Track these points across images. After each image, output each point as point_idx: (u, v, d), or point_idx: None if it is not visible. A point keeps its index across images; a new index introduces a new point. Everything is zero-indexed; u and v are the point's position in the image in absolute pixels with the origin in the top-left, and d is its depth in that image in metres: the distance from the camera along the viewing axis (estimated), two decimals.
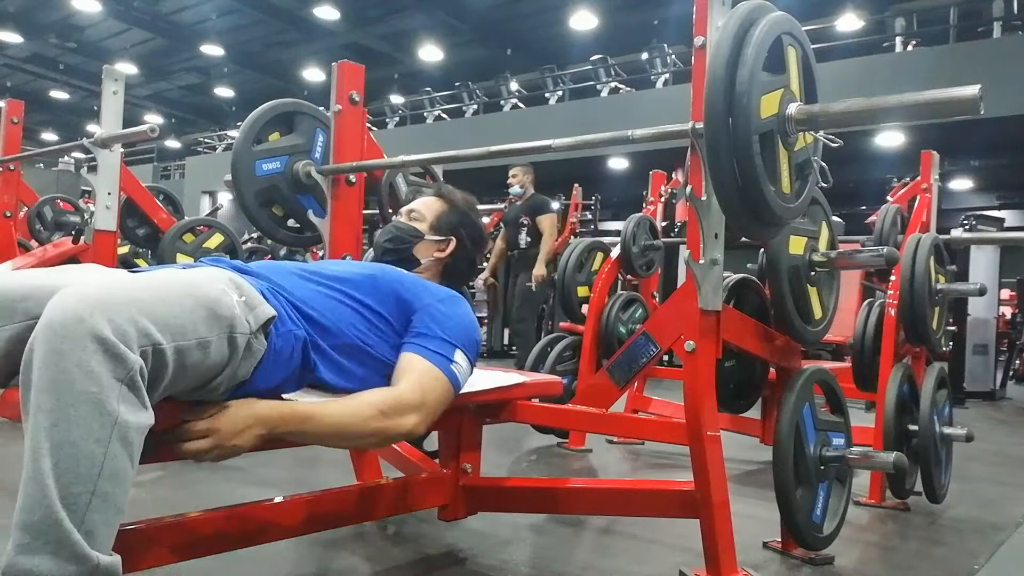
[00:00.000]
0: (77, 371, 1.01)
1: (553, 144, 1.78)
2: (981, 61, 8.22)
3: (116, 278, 1.20)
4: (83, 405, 1.01)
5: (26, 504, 0.99)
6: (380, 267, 1.67)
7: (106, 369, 1.03)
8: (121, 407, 1.04)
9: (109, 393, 1.03)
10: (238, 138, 2.38)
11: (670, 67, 11.55)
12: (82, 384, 1.01)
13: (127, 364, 1.05)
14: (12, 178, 3.96)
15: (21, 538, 0.99)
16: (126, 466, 1.05)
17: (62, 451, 1.00)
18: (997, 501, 3.02)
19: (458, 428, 1.92)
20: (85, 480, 1.01)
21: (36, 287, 1.22)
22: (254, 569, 1.79)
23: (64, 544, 0.99)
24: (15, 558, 0.98)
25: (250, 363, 1.28)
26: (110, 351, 1.03)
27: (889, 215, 3.08)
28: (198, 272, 1.32)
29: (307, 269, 1.55)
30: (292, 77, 17.68)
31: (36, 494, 0.99)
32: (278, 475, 2.77)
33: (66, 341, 1.02)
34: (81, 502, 1.01)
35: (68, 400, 1.01)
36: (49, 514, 0.99)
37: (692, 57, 1.71)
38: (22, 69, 18.34)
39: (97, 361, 1.02)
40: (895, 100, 1.38)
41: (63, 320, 1.03)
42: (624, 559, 2.05)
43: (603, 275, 3.76)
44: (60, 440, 1.00)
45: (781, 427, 1.93)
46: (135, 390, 1.06)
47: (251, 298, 1.30)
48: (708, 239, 1.67)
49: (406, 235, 1.82)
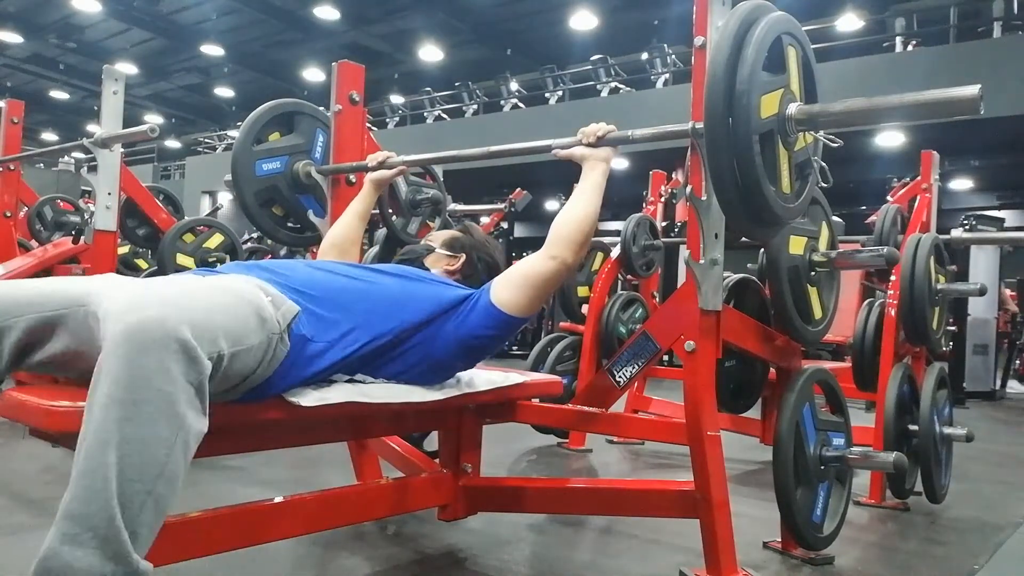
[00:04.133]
0: (157, 369, 1.02)
1: (553, 144, 1.78)
2: (981, 61, 8.21)
3: (179, 286, 1.24)
4: (157, 403, 1.02)
5: (82, 494, 0.98)
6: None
7: (181, 371, 1.05)
8: (188, 411, 1.06)
9: (181, 395, 1.04)
10: (238, 138, 2.38)
11: (670, 67, 11.54)
12: (159, 382, 1.02)
13: (200, 368, 1.07)
14: (12, 178, 3.95)
15: (69, 527, 0.97)
16: (181, 471, 1.07)
17: (130, 446, 1.00)
18: (997, 501, 3.02)
19: (458, 428, 1.92)
20: (146, 479, 1.01)
21: (44, 294, 1.25)
22: (254, 569, 1.79)
23: (111, 541, 0.98)
24: (59, 547, 0.97)
25: (275, 363, 1.30)
26: (189, 354, 1.05)
27: (889, 215, 3.08)
28: (234, 278, 1.36)
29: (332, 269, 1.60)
30: (292, 77, 17.66)
31: (95, 485, 0.98)
32: (278, 475, 2.76)
33: (150, 340, 1.03)
34: (137, 501, 1.01)
35: (144, 396, 1.02)
36: (105, 508, 0.98)
37: (692, 57, 1.71)
38: (22, 69, 18.31)
39: (175, 362, 1.04)
40: (895, 100, 1.38)
41: (148, 320, 1.04)
42: (624, 559, 2.05)
43: (603, 275, 3.77)
44: (130, 435, 1.01)
45: (781, 427, 1.93)
46: (201, 395, 1.08)
47: (276, 297, 1.33)
48: (708, 239, 1.67)
49: (420, 248, 1.89)
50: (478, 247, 1.87)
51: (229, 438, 1.47)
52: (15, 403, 1.21)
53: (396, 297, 1.55)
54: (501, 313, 1.56)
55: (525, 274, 1.60)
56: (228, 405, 1.30)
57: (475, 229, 1.95)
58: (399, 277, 1.61)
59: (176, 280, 1.35)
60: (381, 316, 1.50)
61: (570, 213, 1.65)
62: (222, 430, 1.42)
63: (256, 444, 1.64)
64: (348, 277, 1.54)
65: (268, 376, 1.30)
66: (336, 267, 1.59)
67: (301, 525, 1.60)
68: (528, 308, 1.59)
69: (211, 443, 1.47)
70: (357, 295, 1.50)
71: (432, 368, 1.59)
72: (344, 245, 2.03)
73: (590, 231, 1.65)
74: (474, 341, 1.58)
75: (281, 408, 1.36)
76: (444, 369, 1.63)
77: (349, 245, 2.05)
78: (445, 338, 1.56)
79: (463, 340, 1.57)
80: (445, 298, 1.58)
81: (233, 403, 1.31)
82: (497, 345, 1.64)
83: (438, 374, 1.62)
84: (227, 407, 1.30)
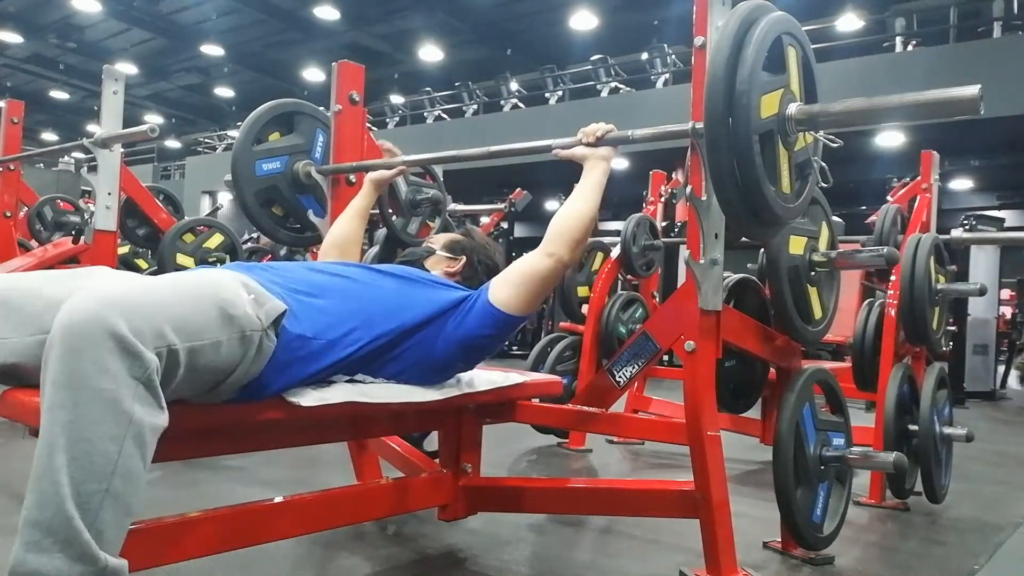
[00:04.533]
0: (94, 368, 1.02)
1: (553, 144, 1.78)
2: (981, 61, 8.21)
3: (131, 280, 1.21)
4: (99, 402, 1.02)
5: (38, 500, 0.99)
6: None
7: (122, 367, 1.03)
8: (136, 406, 1.04)
9: (125, 391, 1.03)
10: (238, 138, 2.38)
11: (670, 67, 11.54)
12: (98, 381, 1.02)
13: (143, 362, 1.05)
14: (12, 178, 3.95)
15: (31, 535, 0.98)
16: (139, 466, 1.05)
17: (77, 447, 1.00)
18: (997, 501, 3.02)
19: (458, 428, 1.92)
20: (99, 478, 1.01)
21: (56, 301, 1.23)
22: (254, 569, 1.79)
23: (73, 543, 0.99)
24: (24, 555, 0.97)
25: (261, 361, 1.28)
26: (127, 349, 1.04)
27: (889, 215, 3.08)
28: (208, 273, 1.34)
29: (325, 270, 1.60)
30: (292, 77, 17.65)
31: (48, 490, 0.99)
32: (278, 475, 2.76)
33: (83, 338, 1.02)
34: (94, 501, 1.01)
35: (84, 397, 1.01)
36: (60, 511, 0.98)
37: (692, 57, 1.71)
38: (22, 69, 18.30)
39: (114, 359, 1.03)
40: (895, 100, 1.38)
41: (82, 318, 1.03)
42: (624, 559, 2.05)
43: (603, 275, 3.76)
44: (76, 436, 1.00)
45: (781, 427, 1.93)
46: (151, 390, 1.07)
47: (259, 295, 1.31)
48: (708, 239, 1.67)
49: (420, 250, 1.90)
50: (478, 250, 1.87)
51: (229, 438, 1.48)
52: (15, 403, 1.21)
53: (396, 298, 1.55)
54: (499, 312, 1.57)
55: (522, 272, 1.60)
56: (228, 405, 1.30)
57: (476, 232, 1.96)
58: (399, 278, 1.61)
59: (154, 276, 1.34)
60: (381, 317, 1.50)
61: (568, 211, 1.65)
62: (222, 430, 1.43)
63: (256, 444, 1.64)
64: (348, 278, 1.54)
65: (258, 374, 1.29)
66: (337, 268, 1.60)
67: (301, 525, 1.60)
68: (526, 307, 1.59)
69: (211, 443, 1.47)
70: (358, 295, 1.50)
71: (432, 368, 1.59)
72: (345, 245, 2.04)
73: (588, 229, 1.66)
74: (473, 341, 1.58)
75: (281, 408, 1.35)
76: (444, 369, 1.63)
77: (350, 245, 2.05)
78: (444, 338, 1.56)
79: (462, 340, 1.57)
80: (444, 299, 1.59)
81: (233, 403, 1.31)
82: (496, 345, 1.65)
83: (438, 374, 1.62)
84: (227, 407, 1.30)
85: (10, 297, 1.24)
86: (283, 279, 1.43)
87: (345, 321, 1.44)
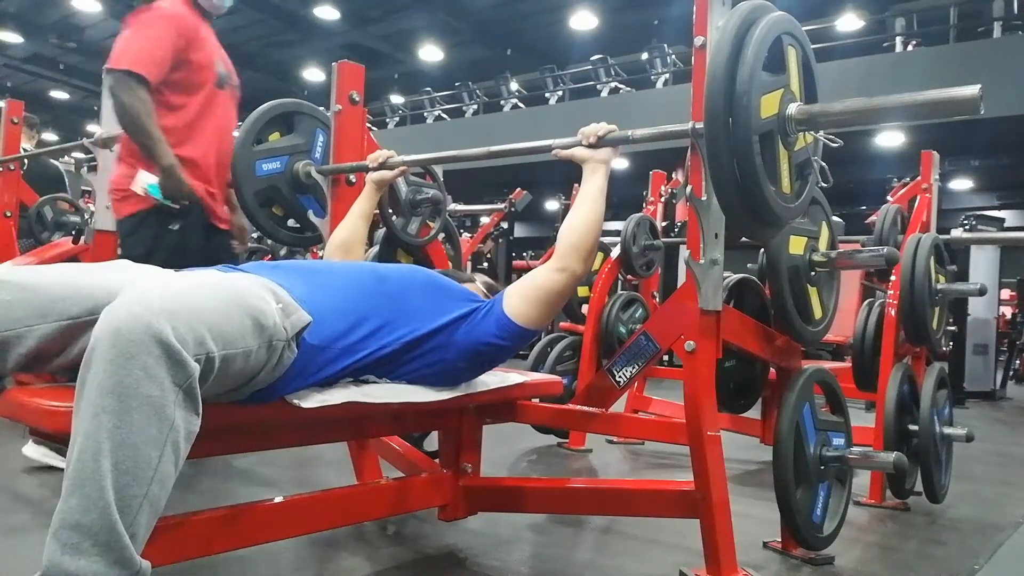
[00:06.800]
0: (142, 374, 1.02)
1: (553, 144, 1.78)
2: (981, 61, 8.22)
3: (167, 282, 1.21)
4: (145, 408, 1.02)
5: (80, 504, 0.99)
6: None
7: (168, 374, 1.04)
8: (178, 412, 1.06)
9: (169, 398, 1.04)
10: (238, 138, 2.38)
11: (670, 67, 11.55)
12: (146, 388, 1.02)
13: (187, 370, 1.06)
14: (12, 178, 3.95)
15: (69, 538, 0.98)
16: (172, 471, 1.07)
17: (123, 452, 1.01)
18: (997, 501, 3.02)
19: (458, 428, 1.92)
20: (141, 483, 1.02)
21: (73, 287, 1.23)
22: (254, 569, 1.79)
23: (113, 548, 0.99)
24: (60, 558, 0.97)
25: (280, 370, 1.29)
26: (173, 357, 1.05)
27: (889, 215, 3.08)
28: (238, 279, 1.33)
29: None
30: (292, 77, 17.66)
31: (93, 494, 0.99)
32: (278, 475, 2.76)
33: (132, 345, 1.02)
34: (134, 505, 1.02)
35: (132, 403, 1.02)
36: (104, 516, 0.99)
37: (692, 57, 1.71)
38: (22, 69, 18.30)
39: (160, 366, 1.04)
40: (895, 100, 1.38)
41: (130, 324, 1.03)
42: (624, 559, 2.05)
43: (603, 275, 3.76)
44: (122, 441, 1.01)
45: (781, 427, 1.93)
46: (191, 396, 1.08)
47: (287, 305, 1.31)
48: (708, 239, 1.67)
49: (464, 275, 1.95)
50: None
51: (229, 438, 1.47)
52: (15, 403, 1.21)
53: (419, 299, 1.56)
54: (512, 323, 1.57)
55: (538, 287, 1.60)
56: (228, 405, 1.30)
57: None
58: (423, 284, 1.63)
59: (189, 276, 1.33)
60: (402, 321, 1.51)
61: (575, 222, 1.65)
62: (223, 430, 1.43)
63: (256, 444, 1.64)
64: (359, 284, 1.53)
65: (273, 382, 1.30)
66: (350, 271, 1.59)
67: (301, 525, 1.60)
68: (539, 321, 1.60)
69: (212, 443, 1.47)
70: (371, 302, 1.50)
71: (438, 374, 1.59)
72: (349, 246, 2.05)
73: (597, 238, 1.66)
74: (482, 347, 1.58)
75: (282, 409, 1.35)
76: (450, 376, 1.63)
77: (354, 247, 2.06)
78: (454, 346, 1.56)
79: (472, 346, 1.57)
80: (458, 308, 1.59)
81: (234, 404, 1.30)
82: (505, 355, 1.65)
83: (446, 381, 1.62)
84: (228, 407, 1.30)
85: (37, 283, 1.23)
86: (306, 282, 1.42)
87: (356, 329, 1.44)
